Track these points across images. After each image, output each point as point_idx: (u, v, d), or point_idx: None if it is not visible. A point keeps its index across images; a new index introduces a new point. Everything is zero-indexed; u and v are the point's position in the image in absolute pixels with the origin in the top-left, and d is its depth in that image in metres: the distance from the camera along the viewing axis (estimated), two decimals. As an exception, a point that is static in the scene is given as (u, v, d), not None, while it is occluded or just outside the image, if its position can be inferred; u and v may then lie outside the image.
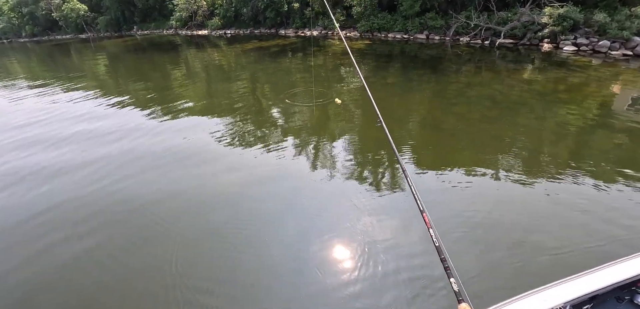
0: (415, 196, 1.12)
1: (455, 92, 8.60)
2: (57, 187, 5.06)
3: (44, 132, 7.47)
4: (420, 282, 2.98)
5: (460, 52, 13.54)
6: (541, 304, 1.79)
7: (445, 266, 0.96)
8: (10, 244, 3.94)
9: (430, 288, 2.90)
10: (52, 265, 3.53)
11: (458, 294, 0.86)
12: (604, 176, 4.40)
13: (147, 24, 33.71)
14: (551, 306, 1.78)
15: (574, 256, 3.14)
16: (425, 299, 2.83)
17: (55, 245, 3.81)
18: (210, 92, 10.68)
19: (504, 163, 4.94)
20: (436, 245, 1.02)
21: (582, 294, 1.84)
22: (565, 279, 1.92)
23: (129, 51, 22.73)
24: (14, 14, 39.34)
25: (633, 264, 1.99)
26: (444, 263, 0.97)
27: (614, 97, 7.64)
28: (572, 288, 1.87)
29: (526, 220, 3.70)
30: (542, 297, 1.83)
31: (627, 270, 1.95)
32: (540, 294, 1.85)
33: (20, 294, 3.22)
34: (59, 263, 3.55)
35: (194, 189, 4.76)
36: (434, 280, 2.94)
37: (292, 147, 5.87)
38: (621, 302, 1.98)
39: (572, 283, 1.90)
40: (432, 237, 1.04)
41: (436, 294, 2.84)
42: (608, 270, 1.97)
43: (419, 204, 1.13)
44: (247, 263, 3.37)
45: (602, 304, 1.97)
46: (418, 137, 6.28)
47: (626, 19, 11.68)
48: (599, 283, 1.88)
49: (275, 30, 24.67)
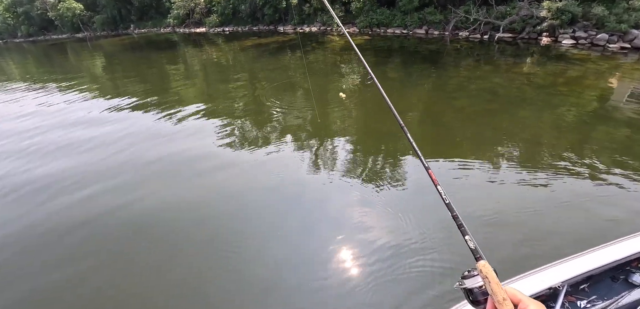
0: (418, 154, 1.10)
1: (455, 86, 8.64)
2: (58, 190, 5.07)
3: (38, 141, 6.99)
4: (430, 273, 3.04)
5: (460, 47, 13.57)
6: (538, 284, 1.86)
7: (458, 223, 0.93)
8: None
9: (440, 279, 2.96)
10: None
11: (475, 252, 0.84)
12: (604, 166, 4.47)
13: (144, 22, 33.48)
14: (549, 285, 1.86)
15: (569, 244, 3.20)
16: (436, 291, 2.88)
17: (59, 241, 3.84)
18: (209, 91, 10.66)
19: (503, 155, 4.99)
20: (446, 202, 0.99)
21: (578, 274, 1.92)
22: (562, 260, 2.00)
23: (126, 50, 22.58)
24: (9, 14, 38.94)
25: (627, 245, 2.06)
26: (457, 220, 0.94)
27: (612, 89, 7.70)
28: (568, 268, 1.94)
29: (526, 210, 3.76)
30: (540, 278, 1.90)
31: (621, 251, 2.03)
32: (537, 274, 1.92)
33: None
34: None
35: (198, 194, 4.78)
36: (444, 273, 3.00)
37: (292, 145, 5.87)
38: (616, 281, 2.04)
39: (569, 263, 1.98)
40: (441, 194, 1.01)
41: (444, 282, 2.89)
42: (603, 251, 2.04)
43: (422, 161, 1.10)
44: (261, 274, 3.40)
45: (598, 284, 2.04)
46: (418, 129, 6.32)
47: (624, 12, 11.74)
48: (595, 263, 1.96)
49: (273, 27, 24.57)
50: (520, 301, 0.72)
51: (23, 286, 3.30)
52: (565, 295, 1.89)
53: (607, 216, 3.57)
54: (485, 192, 4.15)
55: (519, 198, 4.01)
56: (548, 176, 4.35)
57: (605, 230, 3.36)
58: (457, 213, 0.97)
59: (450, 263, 3.06)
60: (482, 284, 0.79)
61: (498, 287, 0.74)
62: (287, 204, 4.25)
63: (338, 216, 3.93)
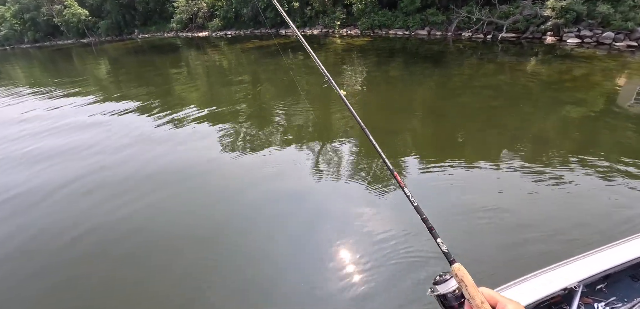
0: (382, 158, 1.04)
1: (458, 84, 8.50)
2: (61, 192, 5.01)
3: (40, 145, 6.80)
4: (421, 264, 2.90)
5: (463, 47, 13.45)
6: (550, 285, 1.65)
7: (429, 226, 0.88)
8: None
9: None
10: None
11: (448, 255, 0.79)
12: (612, 165, 4.30)
13: (148, 27, 33.82)
14: (562, 286, 1.65)
15: (578, 244, 3.04)
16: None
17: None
18: (212, 93, 10.64)
19: (508, 153, 4.84)
20: (414, 205, 0.93)
21: (594, 273, 1.71)
22: (576, 258, 1.80)
23: (130, 54, 22.79)
24: (16, 21, 39.58)
25: None
26: (427, 223, 0.89)
27: (620, 87, 7.51)
28: (584, 267, 1.74)
29: (532, 208, 3.61)
30: (549, 278, 1.69)
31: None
32: (547, 274, 1.72)
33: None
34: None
35: (198, 194, 4.69)
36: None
37: (293, 148, 5.69)
38: (637, 281, 1.85)
39: (584, 261, 1.77)
40: (408, 197, 0.95)
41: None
42: (622, 247, 1.85)
43: (387, 165, 1.08)
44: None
45: (617, 283, 1.85)
46: (419, 127, 6.19)
47: (630, 10, 11.54)
48: (613, 261, 1.76)
49: (275, 30, 24.66)
50: (498, 302, 0.68)
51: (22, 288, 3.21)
52: (581, 297, 1.70)
53: (621, 216, 3.38)
54: (488, 186, 4.00)
55: (523, 192, 3.85)
56: (557, 173, 4.19)
57: (618, 231, 3.19)
58: (426, 215, 0.92)
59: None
60: (455, 288, 0.75)
61: (475, 290, 0.70)
62: (288, 204, 4.15)
63: (339, 215, 3.82)
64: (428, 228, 0.89)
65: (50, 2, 35.53)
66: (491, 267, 2.87)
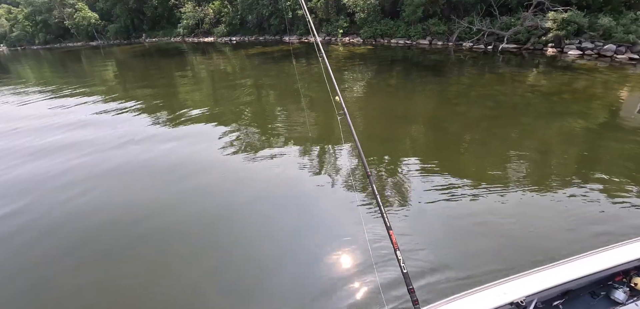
0: (382, 214, 1.07)
1: (456, 93, 8.53)
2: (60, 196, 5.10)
3: (42, 141, 7.00)
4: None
5: (464, 57, 13.51)
6: (500, 297, 1.55)
7: (414, 299, 0.90)
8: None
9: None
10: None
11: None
12: (615, 179, 4.27)
13: (156, 31, 34.47)
14: (513, 298, 1.54)
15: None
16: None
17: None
18: (215, 97, 10.78)
19: (508, 167, 4.83)
20: (404, 272, 0.95)
21: (552, 286, 1.63)
22: (532, 271, 1.70)
23: (137, 57, 23.21)
24: (28, 23, 40.62)
25: (609, 256, 1.75)
26: (413, 295, 0.91)
27: (622, 100, 7.47)
28: (540, 280, 1.65)
29: (532, 224, 3.59)
30: (503, 290, 1.60)
31: (602, 262, 1.72)
32: (504, 285, 1.62)
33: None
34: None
35: (198, 195, 4.75)
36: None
37: (295, 153, 5.66)
38: (596, 297, 1.75)
39: (541, 274, 1.68)
40: (399, 261, 0.95)
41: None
42: (581, 261, 1.74)
43: (385, 220, 1.08)
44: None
45: (576, 300, 1.75)
46: (417, 135, 6.22)
47: (631, 23, 11.54)
48: (572, 275, 1.66)
49: (279, 37, 24.99)
50: None
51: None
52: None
53: (619, 231, 3.33)
54: (486, 202, 3.99)
55: (516, 202, 3.84)
56: (555, 187, 4.17)
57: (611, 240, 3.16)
58: (413, 286, 0.94)
59: (448, 259, 2.93)
60: None
61: None
62: (288, 204, 4.18)
63: (333, 219, 3.83)
64: (412, 301, 0.90)
65: (62, 6, 36.46)
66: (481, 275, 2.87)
